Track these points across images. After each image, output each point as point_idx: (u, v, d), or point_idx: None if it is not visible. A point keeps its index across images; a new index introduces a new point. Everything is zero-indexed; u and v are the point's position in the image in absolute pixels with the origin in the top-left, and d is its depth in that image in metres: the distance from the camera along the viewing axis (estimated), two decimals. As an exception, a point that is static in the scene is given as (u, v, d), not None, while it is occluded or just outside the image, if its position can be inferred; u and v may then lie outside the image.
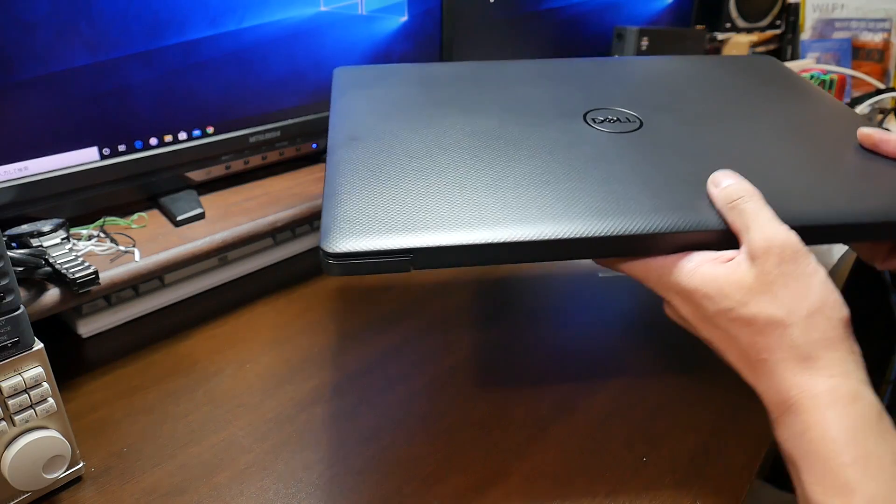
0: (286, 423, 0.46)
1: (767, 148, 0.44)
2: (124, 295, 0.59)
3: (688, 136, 0.45)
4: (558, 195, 0.38)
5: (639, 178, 0.39)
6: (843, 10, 1.41)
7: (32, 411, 0.38)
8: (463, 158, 0.42)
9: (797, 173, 0.41)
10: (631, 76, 0.56)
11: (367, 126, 0.46)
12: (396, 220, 0.38)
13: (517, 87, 0.52)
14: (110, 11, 0.54)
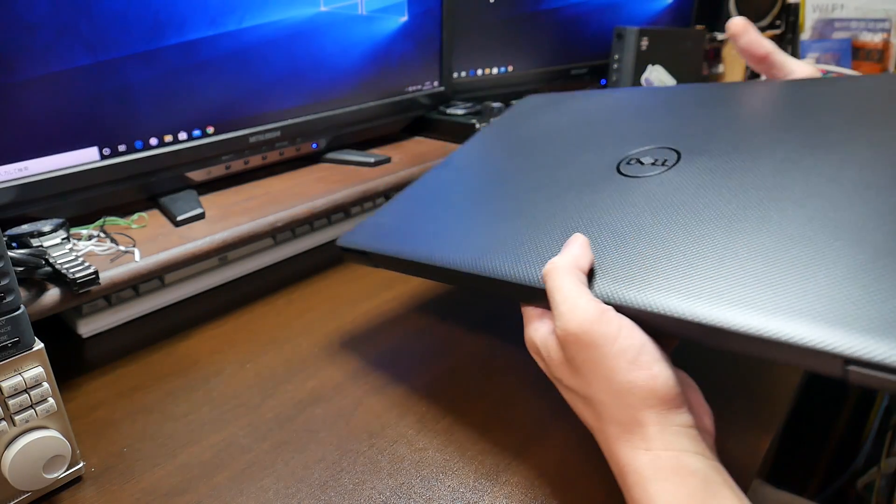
0: (286, 423, 0.46)
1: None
2: (124, 295, 0.59)
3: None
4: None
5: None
6: (843, 10, 1.41)
7: (32, 411, 0.38)
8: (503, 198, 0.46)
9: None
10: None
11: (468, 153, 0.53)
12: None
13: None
14: (110, 11, 0.54)
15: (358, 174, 0.74)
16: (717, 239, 0.33)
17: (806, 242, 0.31)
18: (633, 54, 0.98)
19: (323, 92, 0.74)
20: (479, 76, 1.00)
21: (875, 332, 0.26)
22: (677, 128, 0.46)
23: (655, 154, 0.43)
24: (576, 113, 0.56)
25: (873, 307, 0.27)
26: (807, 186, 0.34)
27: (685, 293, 0.31)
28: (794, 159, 0.37)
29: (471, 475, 0.41)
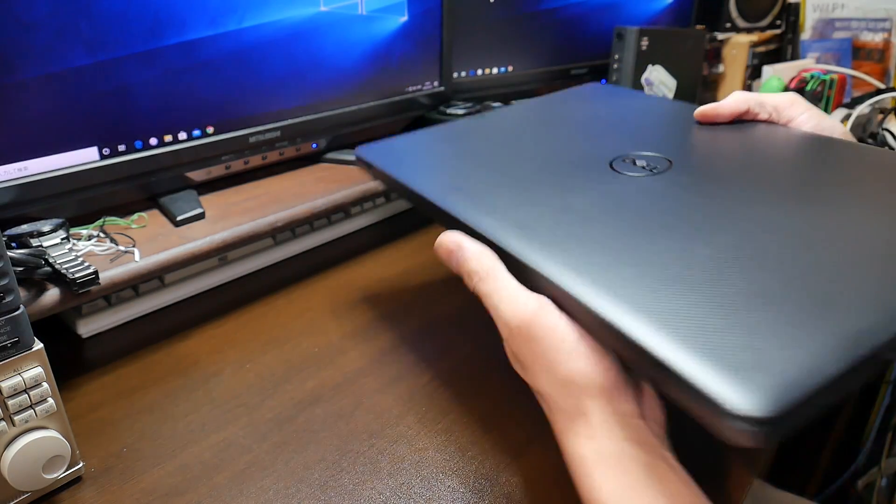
0: (286, 423, 0.46)
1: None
2: (124, 295, 0.59)
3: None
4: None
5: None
6: (844, 10, 1.41)
7: (32, 411, 0.38)
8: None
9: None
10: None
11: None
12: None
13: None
14: (110, 11, 0.54)
15: (358, 174, 0.74)
16: (663, 245, 0.34)
17: (737, 277, 0.30)
18: (634, 54, 0.98)
19: (323, 92, 0.74)
20: (479, 76, 1.00)
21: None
22: (680, 142, 0.49)
23: (650, 160, 0.44)
24: (602, 108, 0.61)
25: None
26: (769, 229, 0.34)
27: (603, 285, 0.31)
28: (773, 202, 0.37)
29: (471, 475, 0.41)
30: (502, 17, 0.99)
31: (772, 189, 0.39)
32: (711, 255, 0.32)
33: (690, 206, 0.38)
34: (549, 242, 0.36)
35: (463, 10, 0.91)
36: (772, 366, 0.24)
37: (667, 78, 1.04)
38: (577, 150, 0.49)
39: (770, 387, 0.23)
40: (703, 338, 0.26)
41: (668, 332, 0.27)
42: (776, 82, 1.12)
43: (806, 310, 0.27)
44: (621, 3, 1.16)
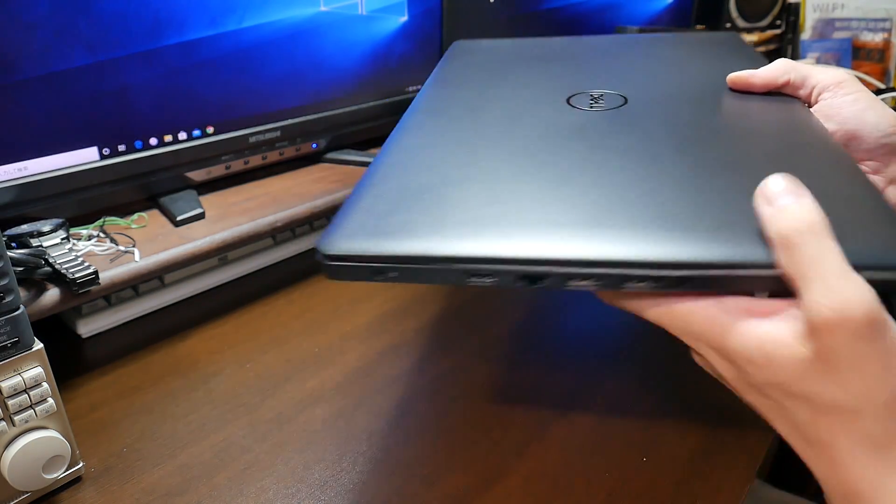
0: (286, 423, 0.46)
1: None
2: (124, 295, 0.59)
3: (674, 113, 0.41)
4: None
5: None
6: (844, 10, 1.41)
7: (32, 411, 0.38)
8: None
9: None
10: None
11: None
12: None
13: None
14: (110, 11, 0.54)
15: (358, 174, 0.74)
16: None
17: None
18: (634, 54, 0.98)
19: (323, 92, 0.74)
20: (479, 76, 1.00)
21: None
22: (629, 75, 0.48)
23: (606, 97, 0.44)
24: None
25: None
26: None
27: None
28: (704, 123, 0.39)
29: (472, 475, 0.41)
30: (502, 17, 0.99)
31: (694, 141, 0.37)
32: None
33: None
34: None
35: (463, 10, 0.91)
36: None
37: (667, 78, 1.04)
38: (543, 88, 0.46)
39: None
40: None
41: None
42: (776, 82, 1.12)
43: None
44: (621, 3, 1.16)
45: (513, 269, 0.29)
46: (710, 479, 0.41)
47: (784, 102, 0.42)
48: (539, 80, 0.49)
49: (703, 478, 0.41)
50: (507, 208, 0.31)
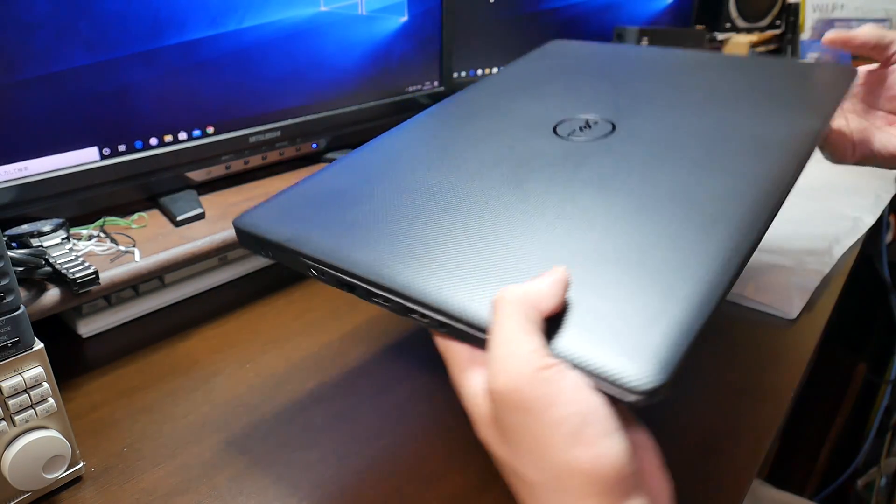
0: (286, 423, 0.46)
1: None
2: (124, 295, 0.59)
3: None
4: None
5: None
6: (843, 10, 1.41)
7: (32, 411, 0.38)
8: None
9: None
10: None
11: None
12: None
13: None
14: (110, 11, 0.54)
15: (358, 174, 0.74)
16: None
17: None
18: (633, 54, 0.98)
19: (323, 92, 0.74)
20: (479, 76, 1.00)
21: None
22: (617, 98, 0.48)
23: (594, 123, 0.44)
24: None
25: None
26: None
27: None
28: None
29: (472, 475, 0.41)
30: (502, 17, 0.99)
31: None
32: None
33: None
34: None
35: (463, 10, 0.91)
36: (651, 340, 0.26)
37: (667, 78, 1.04)
38: (527, 117, 0.46)
39: (656, 359, 0.26)
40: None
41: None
42: (776, 82, 1.12)
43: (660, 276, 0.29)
44: (621, 3, 1.16)
45: (334, 274, 0.34)
46: (710, 479, 0.41)
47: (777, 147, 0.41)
48: (538, 102, 0.49)
49: (703, 478, 0.41)
50: (376, 229, 0.35)
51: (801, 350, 0.55)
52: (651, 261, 0.30)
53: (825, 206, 0.79)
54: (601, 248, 0.32)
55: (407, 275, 0.32)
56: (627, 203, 0.35)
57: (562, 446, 0.24)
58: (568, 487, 0.25)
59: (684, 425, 0.45)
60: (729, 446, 0.43)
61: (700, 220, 0.33)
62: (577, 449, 0.24)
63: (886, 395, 1.20)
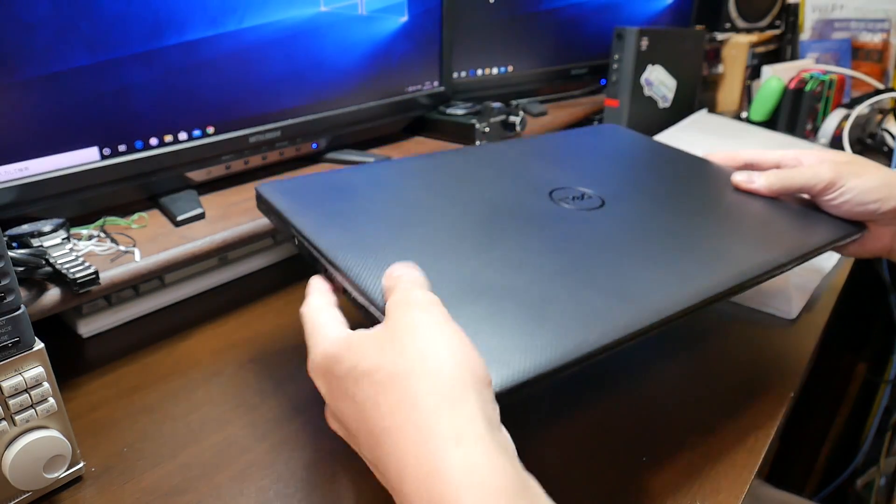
0: (286, 422, 0.46)
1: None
2: (124, 295, 0.59)
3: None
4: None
5: None
6: (843, 10, 1.41)
7: (33, 411, 0.38)
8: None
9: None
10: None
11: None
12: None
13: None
14: (110, 11, 0.54)
15: (358, 174, 0.74)
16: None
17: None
18: (633, 54, 0.98)
19: (323, 92, 0.74)
20: (479, 76, 1.00)
21: None
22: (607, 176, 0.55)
23: (586, 196, 0.50)
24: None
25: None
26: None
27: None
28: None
29: (471, 475, 0.41)
30: (502, 17, 1.00)
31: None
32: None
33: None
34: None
35: (463, 10, 0.91)
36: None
37: (666, 78, 1.04)
38: (528, 180, 0.52)
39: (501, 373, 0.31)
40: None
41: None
42: (776, 83, 1.12)
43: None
44: (621, 3, 1.16)
45: (305, 245, 0.40)
46: (710, 479, 0.41)
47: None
48: (553, 168, 0.55)
49: (703, 478, 0.41)
50: (355, 220, 0.42)
51: (801, 350, 0.55)
52: (552, 310, 0.35)
53: None
54: (519, 284, 0.37)
55: (348, 256, 0.38)
56: (566, 263, 0.40)
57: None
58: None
59: (685, 425, 0.45)
60: (729, 446, 0.43)
61: (613, 294, 0.37)
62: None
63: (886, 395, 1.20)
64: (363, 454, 0.30)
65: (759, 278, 0.42)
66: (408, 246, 0.40)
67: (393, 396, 0.27)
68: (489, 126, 0.85)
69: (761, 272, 0.42)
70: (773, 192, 0.52)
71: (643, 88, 1.02)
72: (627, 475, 0.41)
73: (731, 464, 0.42)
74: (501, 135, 0.88)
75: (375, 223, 0.42)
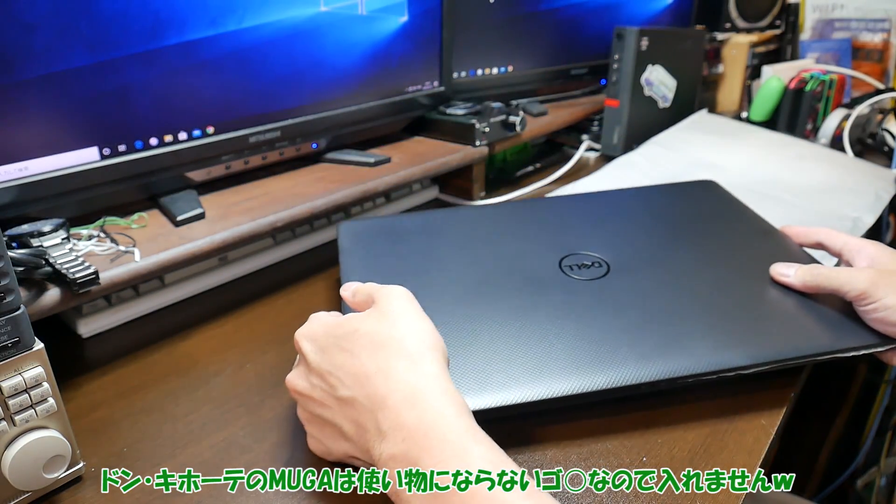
0: (286, 423, 0.46)
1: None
2: (124, 295, 0.59)
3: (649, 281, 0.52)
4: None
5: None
6: (843, 10, 1.41)
7: (33, 411, 0.38)
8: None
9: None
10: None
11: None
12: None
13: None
14: (110, 11, 0.54)
15: (358, 174, 0.74)
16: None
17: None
18: (633, 54, 0.98)
19: (323, 92, 0.74)
20: (479, 76, 1.00)
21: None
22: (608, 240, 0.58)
23: (594, 263, 0.54)
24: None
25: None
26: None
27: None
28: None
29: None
30: (502, 17, 0.99)
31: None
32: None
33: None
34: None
35: (463, 10, 0.91)
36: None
37: (667, 78, 1.04)
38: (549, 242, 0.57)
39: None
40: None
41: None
42: (776, 82, 1.12)
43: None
44: (621, 3, 1.16)
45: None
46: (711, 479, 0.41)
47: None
48: (542, 236, 0.59)
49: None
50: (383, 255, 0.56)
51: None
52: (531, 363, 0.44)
53: (825, 207, 0.79)
54: (502, 339, 0.46)
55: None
56: (551, 327, 0.47)
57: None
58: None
59: (685, 425, 0.45)
60: (729, 446, 0.43)
61: (591, 356, 0.44)
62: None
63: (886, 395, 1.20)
64: (337, 393, 0.38)
65: (726, 373, 0.44)
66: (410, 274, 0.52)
67: (387, 350, 0.38)
68: (489, 126, 0.85)
69: (728, 367, 0.44)
70: (807, 288, 0.50)
71: (643, 88, 1.02)
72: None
73: (731, 464, 0.42)
74: (501, 134, 0.88)
75: (404, 262, 0.55)
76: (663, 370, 0.43)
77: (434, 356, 0.38)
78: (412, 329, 0.39)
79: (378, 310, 0.40)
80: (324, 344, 0.40)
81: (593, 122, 1.10)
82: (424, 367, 0.37)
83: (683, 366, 0.43)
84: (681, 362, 0.44)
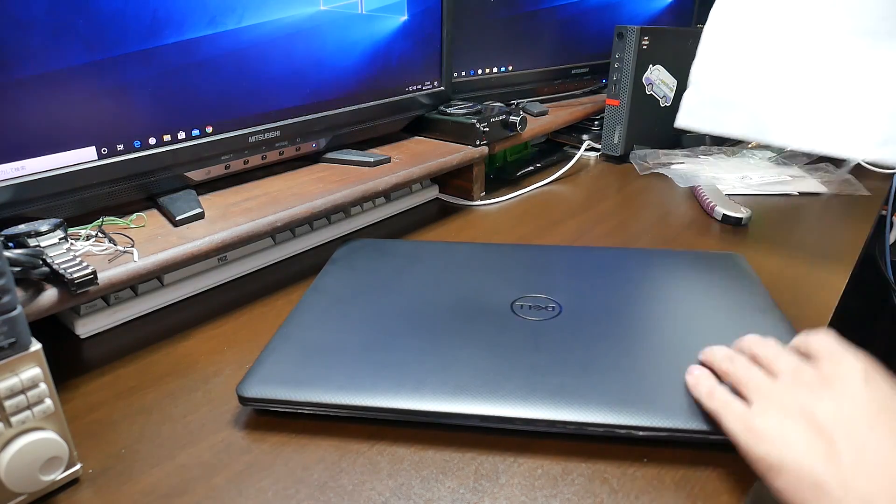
0: (286, 423, 0.46)
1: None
2: (123, 295, 0.59)
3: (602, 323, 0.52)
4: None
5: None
6: (844, 9, 1.40)
7: (30, 412, 0.37)
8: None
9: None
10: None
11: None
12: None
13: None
14: (108, 10, 0.54)
15: (358, 174, 0.74)
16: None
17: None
18: (634, 54, 0.98)
19: (323, 92, 0.74)
20: (479, 76, 1.00)
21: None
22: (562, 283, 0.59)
23: (544, 304, 0.55)
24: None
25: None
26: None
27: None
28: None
29: (471, 475, 0.41)
30: (502, 17, 0.99)
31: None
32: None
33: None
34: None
35: (463, 10, 0.91)
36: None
37: (667, 77, 1.04)
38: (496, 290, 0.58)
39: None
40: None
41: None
42: (777, 81, 1.12)
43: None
44: (622, 2, 1.16)
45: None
46: (712, 480, 0.40)
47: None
48: (499, 279, 0.60)
49: (705, 479, 0.41)
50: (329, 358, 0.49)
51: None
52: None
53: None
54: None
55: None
56: (463, 351, 0.48)
57: None
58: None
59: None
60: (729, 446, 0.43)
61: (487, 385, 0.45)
62: None
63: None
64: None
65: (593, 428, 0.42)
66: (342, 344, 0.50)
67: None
68: (489, 126, 0.85)
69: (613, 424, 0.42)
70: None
71: (644, 88, 1.01)
72: (628, 475, 0.41)
73: (731, 463, 0.41)
74: (501, 134, 0.88)
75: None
76: (530, 411, 0.42)
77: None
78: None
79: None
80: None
81: (594, 122, 1.10)
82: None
83: (553, 413, 0.42)
84: (560, 408, 0.42)
